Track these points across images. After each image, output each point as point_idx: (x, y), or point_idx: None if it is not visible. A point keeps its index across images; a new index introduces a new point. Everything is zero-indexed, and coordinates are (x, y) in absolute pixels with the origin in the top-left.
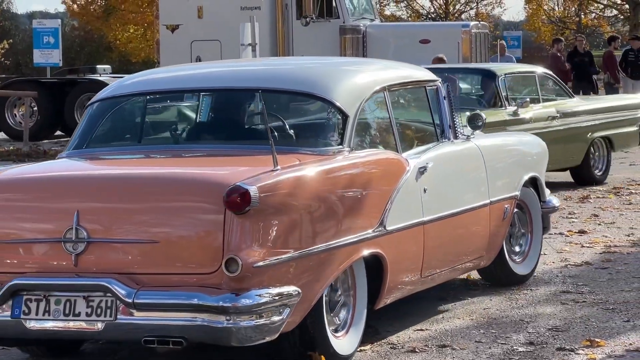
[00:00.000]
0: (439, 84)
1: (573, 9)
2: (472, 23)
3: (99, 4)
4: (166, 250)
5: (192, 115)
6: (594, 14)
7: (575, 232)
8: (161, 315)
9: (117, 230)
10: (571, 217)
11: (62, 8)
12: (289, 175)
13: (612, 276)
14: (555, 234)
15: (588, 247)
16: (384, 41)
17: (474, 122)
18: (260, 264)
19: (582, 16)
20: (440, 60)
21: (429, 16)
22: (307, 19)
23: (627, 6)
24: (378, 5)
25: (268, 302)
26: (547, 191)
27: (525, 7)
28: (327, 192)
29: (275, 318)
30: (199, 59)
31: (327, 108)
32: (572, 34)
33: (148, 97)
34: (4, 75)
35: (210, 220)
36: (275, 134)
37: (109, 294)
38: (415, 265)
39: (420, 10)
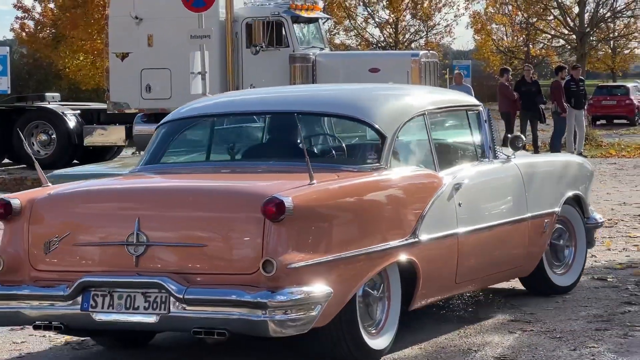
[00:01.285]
0: (481, 108)
1: (521, 38)
2: (421, 52)
3: (48, 31)
4: (213, 252)
5: (248, 135)
6: (541, 44)
7: None
8: (207, 309)
9: (172, 235)
10: None
11: (10, 35)
12: (322, 188)
13: (559, 305)
14: None
15: None
16: (333, 70)
17: (515, 144)
18: (294, 265)
19: (530, 46)
20: None
21: (379, 45)
22: (257, 48)
23: (574, 36)
24: (328, 34)
25: (300, 299)
26: (591, 208)
27: (474, 37)
28: (359, 204)
29: (307, 314)
30: (252, 86)
31: (367, 130)
32: (520, 64)
33: (210, 119)
34: None
35: (251, 227)
36: (320, 153)
37: (163, 291)
38: (448, 273)
39: (370, 39)
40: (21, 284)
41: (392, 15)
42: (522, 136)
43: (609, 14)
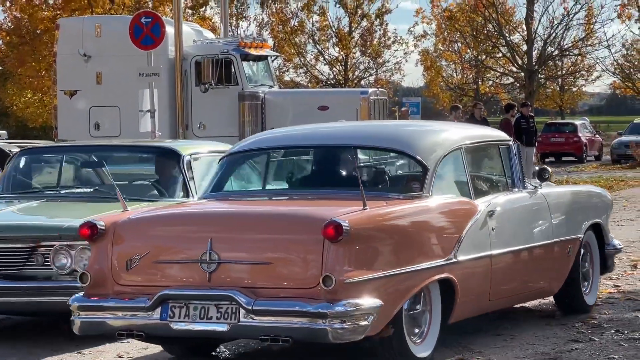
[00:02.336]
0: (511, 143)
1: (471, 76)
2: (370, 90)
3: None
4: (278, 269)
5: (301, 166)
6: (491, 82)
7: None
8: (274, 319)
9: (241, 254)
10: None
11: None
12: (373, 213)
13: (507, 343)
14: None
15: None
16: (282, 108)
17: (542, 175)
18: (349, 280)
19: (480, 83)
20: None
21: (329, 82)
22: (206, 86)
23: (522, 74)
24: (277, 72)
25: (355, 310)
26: (610, 235)
27: (424, 74)
28: (405, 228)
29: (361, 323)
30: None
31: (411, 162)
32: (470, 101)
33: (267, 152)
34: None
35: (312, 247)
36: (369, 182)
37: (234, 303)
38: (483, 291)
39: (320, 76)
40: (106, 297)
41: (342, 53)
42: (548, 169)
43: (556, 52)
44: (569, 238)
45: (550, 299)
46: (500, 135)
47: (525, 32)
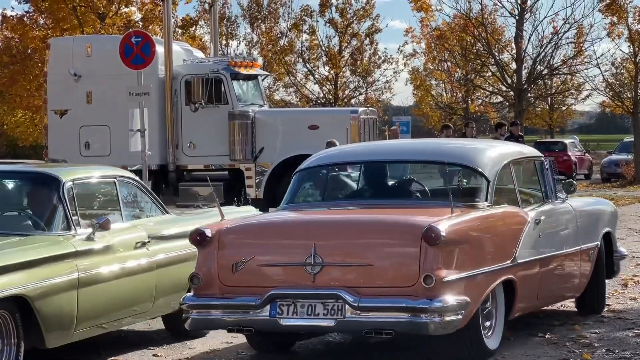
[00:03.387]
0: (543, 159)
1: (460, 95)
2: (360, 109)
3: None
4: (377, 270)
5: (377, 179)
6: (480, 100)
7: None
8: (378, 314)
9: (343, 257)
10: None
11: None
12: (461, 220)
13: None
14: None
15: None
16: (272, 127)
17: (568, 188)
18: (446, 279)
19: (470, 102)
20: (332, 145)
21: (319, 101)
22: (196, 105)
23: (512, 93)
24: (267, 91)
25: (450, 306)
26: (618, 242)
27: (414, 93)
28: (483, 233)
29: (454, 317)
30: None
31: (476, 175)
32: (460, 120)
33: (342, 166)
34: None
35: (411, 249)
36: (439, 193)
37: (340, 300)
38: (534, 290)
39: (310, 96)
40: (213, 297)
41: (332, 72)
42: (575, 182)
43: (545, 71)
44: (591, 245)
45: (547, 312)
46: (534, 151)
47: (515, 51)
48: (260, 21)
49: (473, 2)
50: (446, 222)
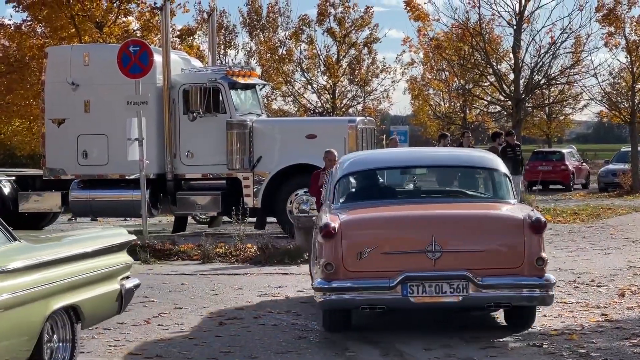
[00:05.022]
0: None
1: (458, 104)
2: (358, 118)
3: None
4: (490, 255)
5: (421, 181)
6: (478, 110)
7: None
8: (497, 291)
9: (459, 245)
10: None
11: None
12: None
13: None
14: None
15: (473, 342)
16: (270, 136)
17: None
18: (547, 260)
19: (467, 112)
20: (330, 154)
21: (317, 110)
22: (194, 114)
23: (510, 103)
24: (265, 100)
25: (553, 283)
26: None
27: (412, 102)
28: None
29: (553, 292)
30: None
31: (499, 176)
32: (457, 129)
33: (381, 170)
34: None
35: (516, 237)
36: (477, 190)
37: (463, 280)
38: None
39: (308, 105)
40: (343, 280)
41: (330, 81)
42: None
43: (543, 81)
44: None
45: (544, 322)
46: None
47: (513, 61)
48: (258, 30)
49: (471, 11)
50: (539, 214)
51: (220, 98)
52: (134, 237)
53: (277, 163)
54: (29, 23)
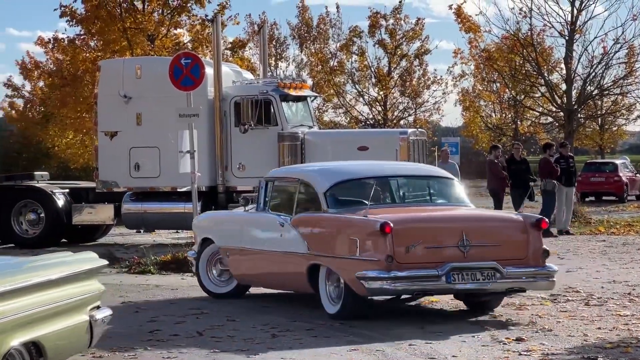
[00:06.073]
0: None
1: (509, 116)
2: (410, 130)
3: (37, 109)
4: (503, 248)
5: (410, 188)
6: (530, 121)
7: (513, 340)
8: (516, 279)
9: (483, 240)
10: (509, 325)
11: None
12: None
13: None
14: (493, 341)
15: (525, 355)
16: (322, 148)
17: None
18: (548, 250)
19: (519, 123)
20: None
21: (368, 122)
22: (246, 127)
23: (561, 114)
24: (317, 112)
25: (557, 270)
26: None
27: (462, 114)
28: None
29: (554, 279)
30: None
31: (457, 185)
32: (509, 140)
33: (375, 179)
34: None
35: (521, 234)
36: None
37: (492, 270)
38: None
39: (359, 117)
40: (394, 270)
41: (381, 93)
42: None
43: (596, 92)
44: None
45: (599, 334)
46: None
47: (564, 72)
48: (309, 42)
49: (522, 22)
50: (533, 214)
51: (272, 110)
52: (105, 262)
53: None
54: (82, 37)
